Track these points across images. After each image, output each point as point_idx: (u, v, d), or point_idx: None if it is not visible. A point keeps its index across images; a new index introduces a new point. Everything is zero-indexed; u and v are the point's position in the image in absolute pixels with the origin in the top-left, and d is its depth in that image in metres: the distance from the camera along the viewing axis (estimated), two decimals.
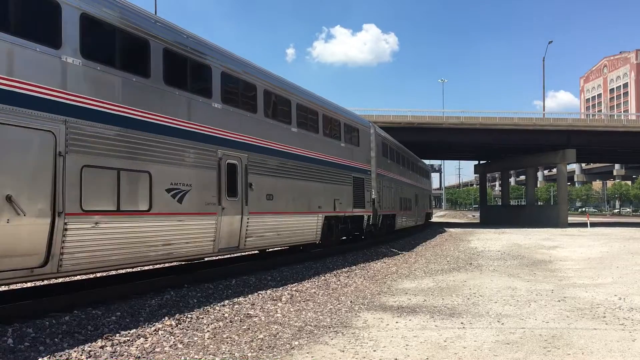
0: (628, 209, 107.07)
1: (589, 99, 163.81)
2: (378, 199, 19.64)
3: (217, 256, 12.07)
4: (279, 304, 8.81)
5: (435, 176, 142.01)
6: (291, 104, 13.38)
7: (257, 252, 13.74)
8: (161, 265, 11.92)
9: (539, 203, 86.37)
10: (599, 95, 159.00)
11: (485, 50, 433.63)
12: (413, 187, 29.86)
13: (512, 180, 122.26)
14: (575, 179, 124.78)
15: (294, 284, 10.83)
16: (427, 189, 38.75)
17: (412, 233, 30.59)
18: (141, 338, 6.40)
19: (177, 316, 7.51)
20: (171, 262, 10.70)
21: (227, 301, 8.77)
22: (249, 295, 9.38)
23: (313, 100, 14.73)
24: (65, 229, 7.03)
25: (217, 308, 8.23)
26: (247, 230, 11.12)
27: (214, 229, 10.05)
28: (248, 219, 11.12)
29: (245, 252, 11.85)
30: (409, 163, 29.59)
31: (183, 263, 12.16)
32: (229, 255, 13.64)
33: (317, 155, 14.53)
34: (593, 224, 43.50)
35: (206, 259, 12.10)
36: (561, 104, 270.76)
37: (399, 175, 25.00)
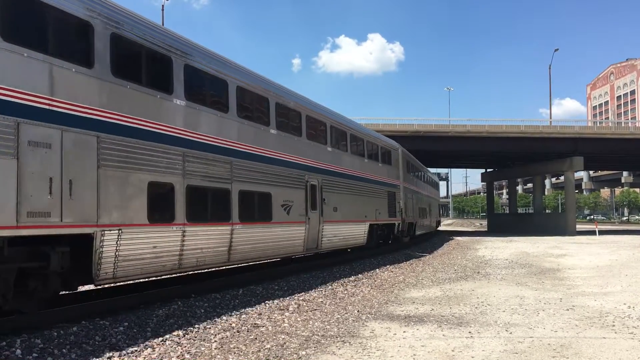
0: (637, 217, 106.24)
1: (595, 106, 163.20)
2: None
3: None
4: (286, 314, 8.81)
5: (442, 184, 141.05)
6: None
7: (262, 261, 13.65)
8: (169, 276, 11.92)
9: (546, 211, 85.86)
10: (606, 103, 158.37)
11: (490, 58, 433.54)
12: (293, 171, 13.44)
13: (519, 188, 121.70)
14: (583, 187, 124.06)
15: (301, 294, 10.83)
16: (385, 182, 21.41)
17: None
18: (149, 348, 6.42)
19: (184, 326, 7.53)
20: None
21: (234, 311, 8.79)
22: (256, 305, 9.39)
23: None
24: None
25: (225, 318, 8.25)
26: None
27: None
28: None
29: None
30: (276, 111, 12.75)
31: (190, 273, 12.18)
32: (234, 265, 13.27)
33: None
34: (601, 232, 43.18)
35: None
36: (567, 112, 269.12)
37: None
